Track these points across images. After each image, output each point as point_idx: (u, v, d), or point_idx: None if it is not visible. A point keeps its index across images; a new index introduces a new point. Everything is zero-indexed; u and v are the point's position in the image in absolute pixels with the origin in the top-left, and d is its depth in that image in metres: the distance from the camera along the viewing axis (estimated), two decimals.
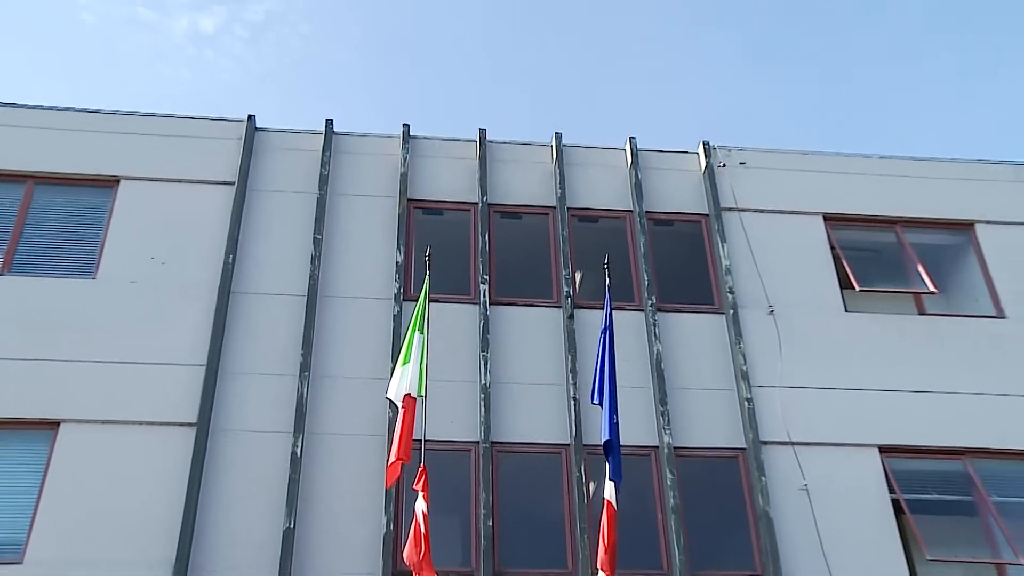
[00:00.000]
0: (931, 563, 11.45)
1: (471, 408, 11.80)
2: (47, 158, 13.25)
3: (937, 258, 14.17)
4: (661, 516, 11.45)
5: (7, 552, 10.48)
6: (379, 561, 10.67)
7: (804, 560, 11.25)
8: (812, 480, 11.76)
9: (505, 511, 11.28)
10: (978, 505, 12.09)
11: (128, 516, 10.69)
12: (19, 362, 11.57)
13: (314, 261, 12.56)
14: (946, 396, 12.58)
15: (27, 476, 10.96)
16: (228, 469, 11.15)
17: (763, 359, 12.59)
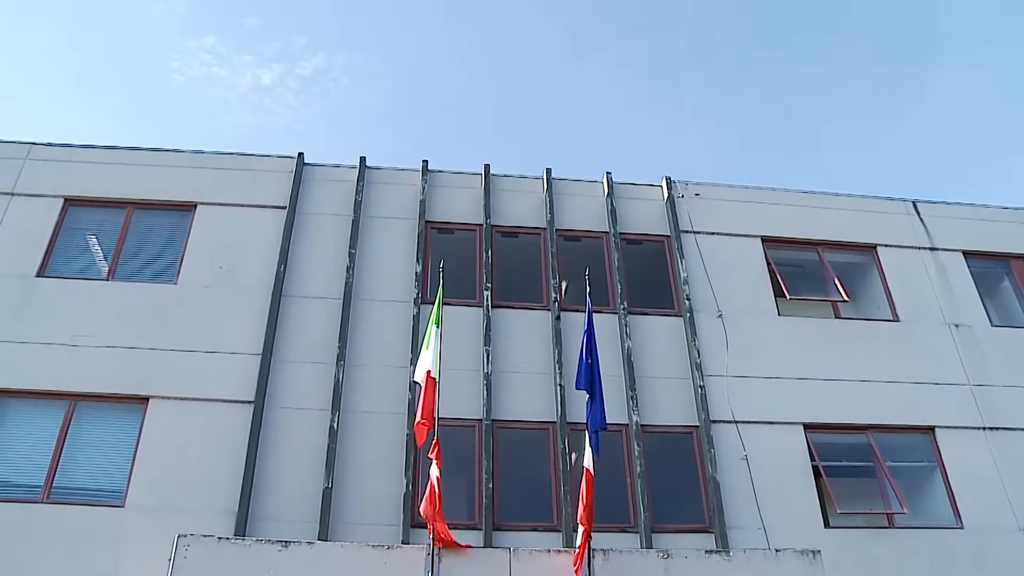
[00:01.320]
0: (840, 515, 11.43)
1: (475, 392, 11.65)
2: (142, 188, 13.20)
3: (848, 273, 14.07)
4: (630, 481, 11.33)
5: (113, 497, 10.54)
6: (400, 514, 10.56)
7: (743, 515, 11.16)
8: (751, 451, 11.68)
9: (503, 476, 11.14)
10: (877, 469, 12.02)
11: (201, 474, 10.64)
12: (118, 349, 11.52)
13: (349, 271, 12.44)
14: (855, 383, 12.54)
15: (125, 440, 10.99)
16: (279, 439, 11.02)
17: (713, 354, 12.48)
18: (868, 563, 10.99)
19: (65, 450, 10.86)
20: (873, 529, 11.51)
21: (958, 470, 12.05)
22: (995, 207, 15.13)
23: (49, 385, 11.18)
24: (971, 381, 12.87)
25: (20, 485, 10.65)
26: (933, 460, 12.23)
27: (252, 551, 8.47)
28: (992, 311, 13.94)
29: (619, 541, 10.27)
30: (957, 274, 14.10)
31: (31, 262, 12.22)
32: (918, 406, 12.50)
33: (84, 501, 10.51)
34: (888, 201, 14.89)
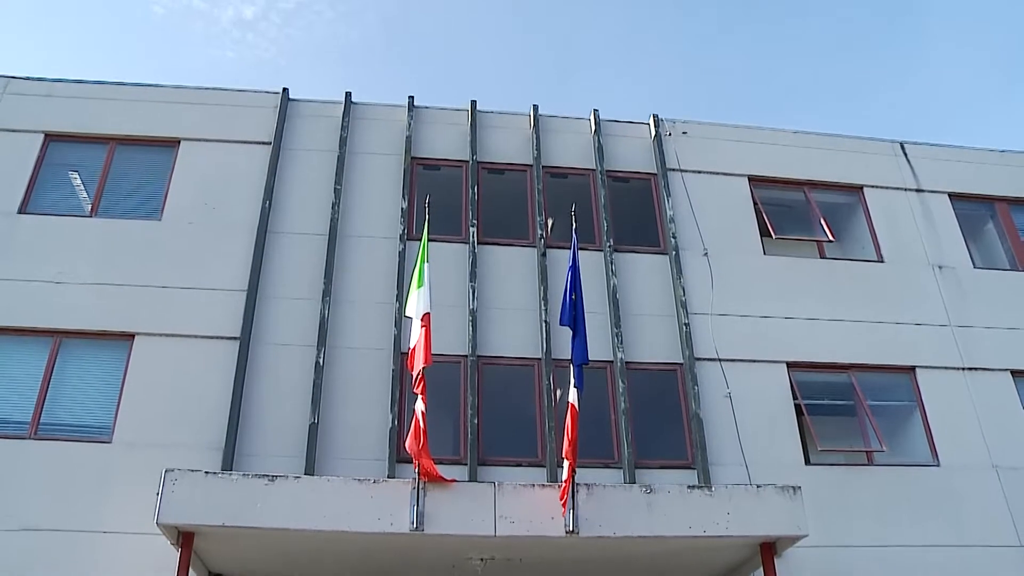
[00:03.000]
0: (821, 452, 11.50)
1: (461, 328, 11.57)
2: (124, 124, 12.88)
3: (835, 213, 13.98)
4: (614, 417, 11.33)
5: (101, 433, 10.48)
6: (386, 450, 10.54)
7: (726, 452, 11.21)
8: (734, 389, 11.68)
9: (488, 412, 11.13)
10: (857, 408, 12.06)
11: (187, 410, 10.57)
12: (103, 286, 11.35)
13: (334, 207, 12.25)
14: (838, 323, 12.52)
15: (112, 376, 10.89)
16: (265, 375, 10.94)
17: (698, 292, 12.41)
18: (847, 499, 11.08)
19: (51, 387, 10.76)
20: (853, 466, 11.60)
21: (936, 409, 12.13)
22: (982, 150, 15.00)
23: (34, 322, 11.02)
24: (952, 322, 12.88)
25: (8, 421, 10.56)
26: (913, 399, 12.30)
27: (239, 485, 8.42)
28: (975, 253, 13.92)
29: (603, 476, 10.30)
30: (942, 216, 14.03)
31: (12, 199, 11.97)
32: (899, 346, 12.51)
33: (71, 437, 10.45)
34: (876, 142, 14.74)
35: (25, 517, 9.72)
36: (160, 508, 8.13)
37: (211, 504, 8.23)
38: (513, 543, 8.59)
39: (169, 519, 8.15)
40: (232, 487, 8.41)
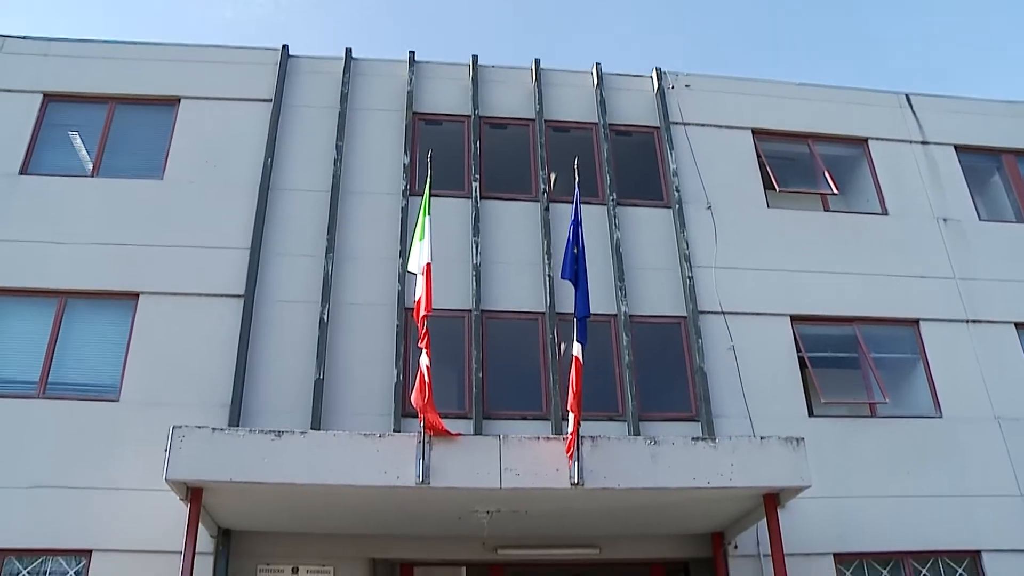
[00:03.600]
0: (824, 404, 11.50)
1: (465, 283, 11.54)
2: (124, 83, 12.72)
3: (839, 166, 13.83)
4: (618, 370, 11.33)
5: (108, 392, 10.49)
6: (391, 405, 10.57)
7: (729, 404, 11.22)
8: (738, 342, 11.67)
9: (492, 366, 11.12)
10: (861, 360, 12.03)
11: (193, 368, 10.56)
12: (106, 246, 11.28)
13: (336, 163, 12.15)
14: (842, 276, 12.44)
15: (117, 336, 10.87)
16: (270, 332, 10.93)
17: (701, 245, 12.34)
18: (850, 451, 11.10)
19: (58, 347, 10.75)
20: (856, 418, 11.60)
21: (939, 362, 12.11)
22: (989, 100, 14.82)
23: (38, 283, 10.99)
24: (957, 275, 12.81)
25: (16, 381, 10.58)
26: (916, 352, 12.27)
27: (246, 441, 8.41)
28: (981, 205, 13.79)
29: (607, 429, 10.32)
30: (948, 168, 13.88)
31: (13, 160, 11.86)
32: (904, 299, 12.46)
33: (79, 396, 10.45)
34: (880, 94, 14.53)
35: (36, 474, 9.79)
36: (169, 464, 8.12)
37: (219, 460, 8.22)
38: (519, 495, 8.59)
39: (178, 475, 8.15)
40: (239, 443, 8.39)
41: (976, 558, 10.92)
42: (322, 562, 9.95)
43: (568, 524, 9.71)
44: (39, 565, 9.63)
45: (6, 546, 9.54)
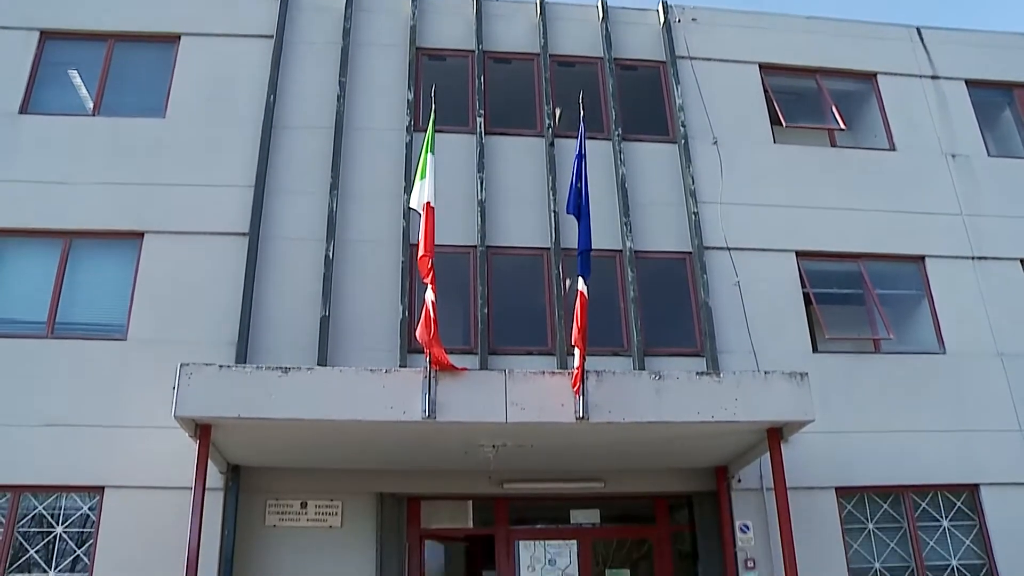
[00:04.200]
0: (828, 340, 11.48)
1: (470, 218, 11.45)
2: (122, 20, 12.44)
3: (847, 101, 13.59)
4: (623, 306, 11.30)
5: (115, 331, 10.49)
6: (397, 340, 10.58)
7: (734, 340, 11.22)
8: (743, 277, 11.61)
9: (497, 302, 11.10)
10: (866, 296, 11.99)
11: (200, 306, 10.55)
12: (110, 186, 11.17)
13: (340, 100, 11.96)
14: (848, 212, 12.32)
15: (123, 275, 10.82)
16: (275, 269, 10.88)
17: (707, 181, 12.20)
18: (853, 386, 11.15)
19: (64, 287, 10.73)
20: (860, 354, 11.59)
21: (944, 298, 12.08)
22: (1002, 33, 14.47)
23: (43, 223, 10.92)
24: (964, 211, 12.68)
25: (25, 322, 10.58)
26: (921, 288, 12.22)
27: (253, 378, 8.41)
28: (990, 141, 13.59)
29: (612, 364, 10.36)
30: (958, 103, 13.64)
31: (12, 99, 11.67)
32: (910, 235, 12.36)
33: (87, 335, 10.45)
34: (891, 27, 14.22)
35: (48, 413, 9.86)
36: (177, 401, 8.15)
37: (226, 397, 8.24)
38: (524, 430, 8.63)
39: (186, 412, 8.17)
40: (246, 379, 8.40)
41: (974, 491, 11.03)
42: (330, 496, 10.07)
43: (573, 458, 9.78)
44: (54, 501, 9.76)
45: (21, 482, 9.66)
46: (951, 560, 10.73)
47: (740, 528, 10.34)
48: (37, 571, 9.49)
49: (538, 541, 10.52)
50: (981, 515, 10.93)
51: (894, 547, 10.70)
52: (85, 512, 9.73)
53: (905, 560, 10.66)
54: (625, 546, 11.00)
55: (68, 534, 9.65)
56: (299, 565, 9.74)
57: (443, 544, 10.75)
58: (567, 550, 10.50)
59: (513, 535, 10.50)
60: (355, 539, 9.92)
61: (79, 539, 9.63)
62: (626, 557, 10.88)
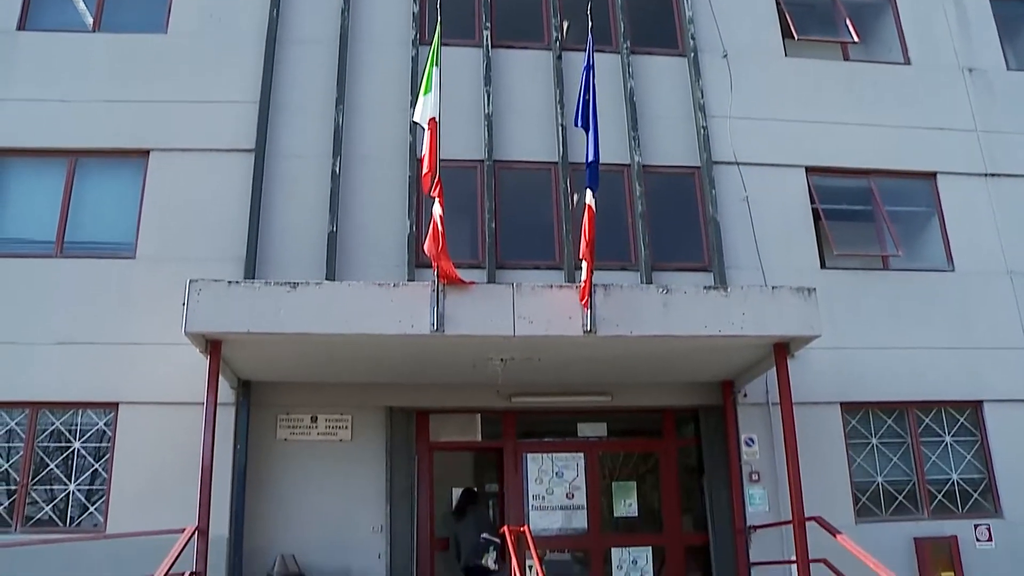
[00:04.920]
0: (837, 256, 11.40)
1: (477, 133, 11.30)
2: None
3: (861, 13, 13.19)
4: (631, 220, 11.24)
5: (124, 249, 10.49)
6: (404, 255, 10.57)
7: (742, 256, 11.17)
8: (752, 192, 11.47)
9: (505, 216, 11.04)
10: (875, 213, 11.86)
11: (207, 224, 10.53)
12: (113, 103, 11.04)
13: (344, 12, 11.69)
14: (860, 127, 12.09)
15: (130, 193, 10.77)
16: (282, 186, 10.81)
17: (717, 95, 11.97)
18: (860, 303, 11.12)
19: (72, 206, 10.72)
20: (868, 271, 11.54)
21: (955, 215, 11.96)
22: None
23: (47, 143, 10.84)
24: (979, 127, 12.44)
25: (34, 241, 10.61)
26: (932, 205, 12.09)
27: (261, 293, 8.41)
28: (1010, 55, 13.22)
29: (620, 279, 10.30)
30: (978, 15, 13.25)
31: (9, 16, 11.45)
32: (922, 151, 12.16)
33: (96, 254, 10.48)
34: None
35: (61, 331, 9.95)
36: (187, 318, 8.17)
37: (235, 312, 8.26)
38: (532, 343, 8.64)
39: (196, 328, 8.20)
40: (255, 295, 8.40)
41: (978, 408, 11.11)
42: (340, 411, 10.20)
43: (580, 372, 9.83)
44: (71, 417, 9.91)
45: (38, 399, 9.81)
46: (952, 474, 10.87)
47: (745, 442, 10.45)
48: (58, 484, 9.69)
49: (546, 454, 10.68)
50: (983, 431, 11.03)
51: (896, 461, 10.82)
52: (101, 428, 9.89)
53: (907, 474, 10.80)
54: (632, 460, 11.14)
55: (86, 449, 9.83)
56: (310, 478, 9.92)
57: (452, 457, 10.88)
58: (574, 463, 10.66)
59: (521, 448, 10.65)
60: (365, 452, 10.09)
61: (96, 454, 9.82)
62: (632, 471, 11.02)
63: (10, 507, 9.60)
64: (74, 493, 9.68)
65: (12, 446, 9.79)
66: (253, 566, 9.42)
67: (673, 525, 10.61)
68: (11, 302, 10.07)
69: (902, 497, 10.67)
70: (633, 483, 10.83)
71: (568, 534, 10.50)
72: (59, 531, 9.48)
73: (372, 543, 9.82)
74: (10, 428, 9.82)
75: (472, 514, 9.68)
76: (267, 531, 9.67)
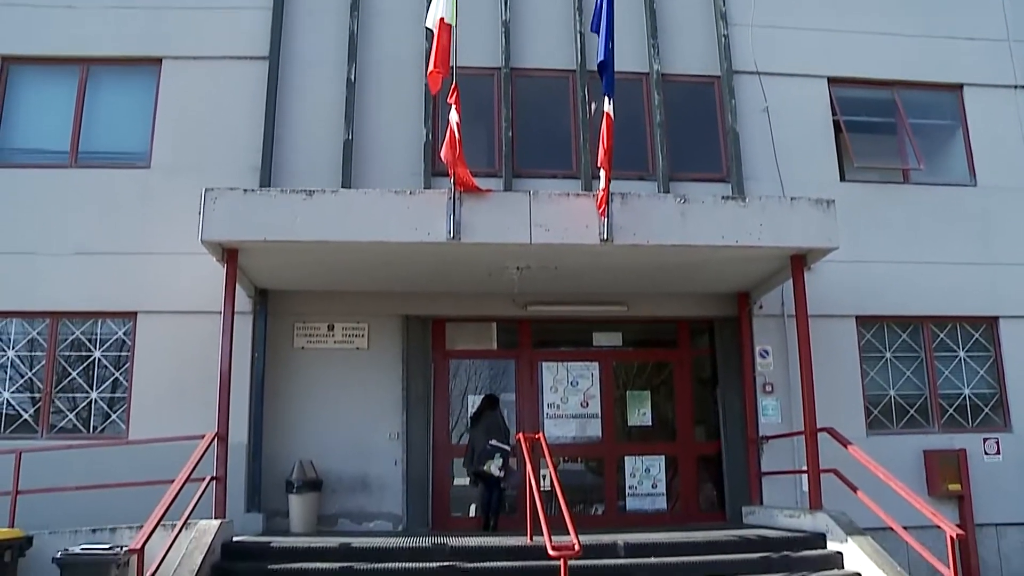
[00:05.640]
0: (857, 169, 11.25)
1: (494, 40, 11.13)
2: None
3: None
4: (649, 130, 11.14)
5: (139, 159, 10.50)
6: (421, 164, 10.54)
7: (761, 167, 11.08)
8: (772, 103, 11.33)
9: (522, 124, 10.96)
10: (898, 125, 11.63)
11: (222, 132, 10.51)
12: (123, 10, 10.91)
13: None
14: (884, 37, 11.83)
15: (143, 102, 10.73)
16: (297, 93, 10.76)
17: (738, 2, 11.68)
18: (879, 216, 11.05)
19: (85, 115, 10.68)
20: (887, 184, 11.41)
21: (980, 128, 11.77)
22: None
23: (57, 50, 10.75)
24: (1011, 36, 12.08)
25: (47, 151, 10.60)
26: (956, 118, 11.89)
27: (278, 201, 8.43)
28: None
29: (637, 188, 10.19)
30: None
31: None
32: (948, 62, 11.90)
33: (110, 164, 10.46)
34: None
35: (77, 242, 10.04)
36: (203, 226, 8.22)
37: (252, 220, 8.30)
38: (548, 251, 8.65)
39: (212, 236, 8.26)
40: (271, 203, 8.42)
41: (993, 324, 11.11)
42: (357, 319, 10.30)
43: (596, 282, 9.86)
44: (91, 327, 10.05)
45: (58, 309, 9.95)
46: (964, 389, 10.93)
47: (760, 353, 10.52)
48: (80, 393, 9.86)
49: (561, 363, 10.80)
50: (998, 347, 11.05)
51: (910, 375, 10.89)
52: (121, 337, 10.03)
53: (919, 388, 10.87)
54: (646, 370, 11.24)
55: (106, 358, 10.00)
56: (327, 386, 10.08)
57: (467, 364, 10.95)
58: (589, 372, 10.77)
59: (536, 357, 10.76)
60: (381, 360, 10.23)
61: (117, 362, 9.99)
62: (647, 381, 11.13)
63: (35, 415, 9.81)
64: (96, 401, 9.87)
65: (35, 355, 9.97)
66: (272, 472, 9.64)
67: (686, 434, 10.78)
68: (28, 212, 10.14)
69: (913, 411, 10.76)
70: (647, 393, 10.95)
71: (582, 442, 10.67)
72: (83, 437, 9.68)
73: (389, 450, 10.04)
74: (32, 338, 9.97)
75: (485, 420, 9.83)
76: (285, 438, 9.89)
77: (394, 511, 9.91)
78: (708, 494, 10.73)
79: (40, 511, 8.47)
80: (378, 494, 9.93)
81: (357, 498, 9.90)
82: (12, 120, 10.69)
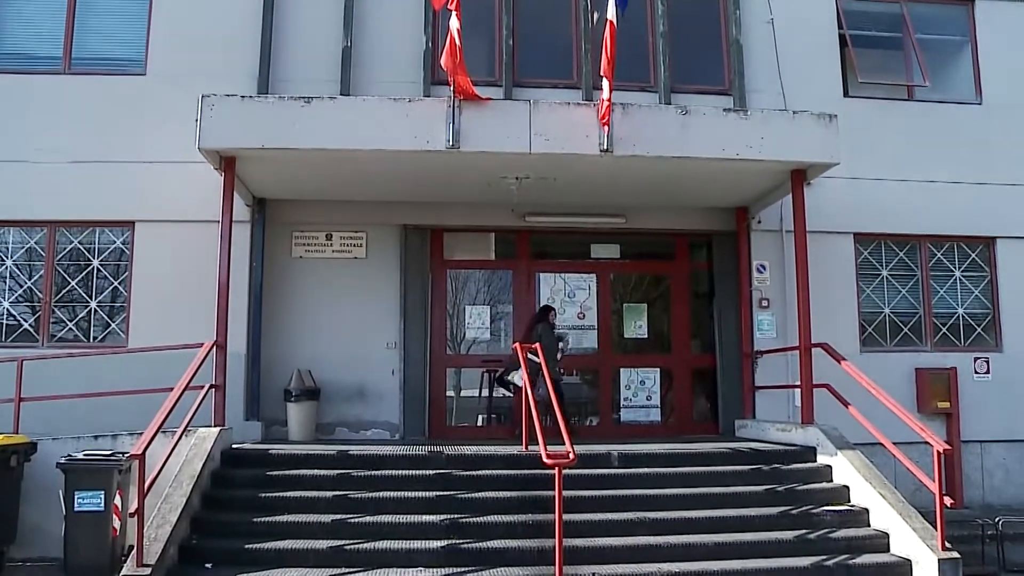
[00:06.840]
0: (861, 85, 11.11)
1: None
2: None
3: None
4: (651, 40, 10.98)
5: (134, 66, 10.35)
6: (420, 72, 10.44)
7: (763, 80, 10.96)
8: (777, 15, 11.14)
9: (523, 33, 10.80)
10: (904, 40, 11.45)
11: (218, 39, 10.30)
12: None
13: None
14: None
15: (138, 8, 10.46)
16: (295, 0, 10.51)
17: None
18: (881, 133, 10.98)
19: (77, 20, 10.46)
20: (891, 100, 11.30)
21: (990, 45, 11.59)
22: None
23: None
24: None
25: (40, 57, 10.42)
26: (966, 34, 11.69)
27: (276, 108, 8.39)
28: None
29: (638, 100, 10.08)
30: None
31: None
32: None
33: (105, 71, 10.32)
34: None
35: (72, 150, 9.95)
36: (200, 133, 8.19)
37: (250, 127, 8.26)
38: (548, 161, 8.64)
39: (210, 144, 8.22)
40: (269, 110, 8.38)
41: (990, 244, 11.16)
42: (355, 228, 10.34)
43: (595, 193, 9.87)
44: (89, 236, 10.07)
45: (56, 218, 9.94)
46: (958, 309, 11.04)
47: (757, 268, 10.59)
48: (80, 302, 9.94)
49: (558, 274, 10.87)
50: (994, 267, 11.13)
51: (905, 294, 10.98)
52: (119, 246, 10.05)
53: (914, 307, 10.97)
54: (643, 282, 11.33)
55: (105, 268, 10.03)
56: (325, 295, 10.16)
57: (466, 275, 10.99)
58: (587, 284, 10.87)
59: (534, 267, 10.83)
60: (379, 270, 10.30)
61: (116, 272, 10.02)
62: (644, 293, 11.22)
63: (35, 324, 9.90)
64: (96, 311, 9.94)
65: (33, 264, 10.00)
66: (270, 380, 9.79)
67: (682, 347, 10.93)
68: (21, 120, 10.02)
69: (907, 329, 10.89)
70: (644, 305, 11.06)
71: (578, 353, 10.79)
72: (83, 346, 9.77)
73: (386, 359, 10.17)
74: (30, 247, 10.00)
75: (535, 330, 9.75)
76: (283, 347, 10.00)
77: (391, 420, 10.10)
78: (702, 407, 10.92)
79: (43, 419, 8.64)
80: (375, 403, 10.10)
81: (354, 407, 10.08)
82: (3, 26, 10.48)
